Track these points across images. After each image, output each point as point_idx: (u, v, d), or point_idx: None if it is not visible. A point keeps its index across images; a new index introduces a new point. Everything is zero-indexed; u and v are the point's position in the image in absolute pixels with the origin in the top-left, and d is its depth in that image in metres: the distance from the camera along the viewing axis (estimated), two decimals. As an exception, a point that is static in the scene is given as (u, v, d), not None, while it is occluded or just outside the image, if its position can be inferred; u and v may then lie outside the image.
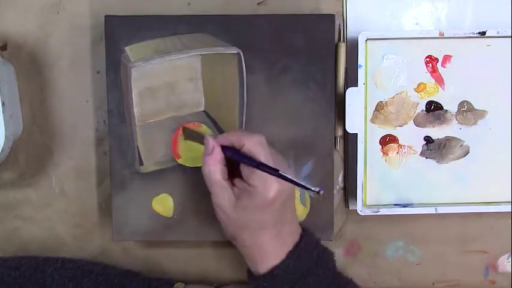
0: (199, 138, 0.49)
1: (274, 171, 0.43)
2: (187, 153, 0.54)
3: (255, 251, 0.47)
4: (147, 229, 0.54)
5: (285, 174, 0.42)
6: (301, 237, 0.48)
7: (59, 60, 0.56)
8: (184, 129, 0.54)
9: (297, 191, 0.54)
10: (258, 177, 0.44)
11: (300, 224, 0.49)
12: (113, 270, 0.54)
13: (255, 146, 0.44)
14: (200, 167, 0.46)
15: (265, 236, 0.46)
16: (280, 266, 0.46)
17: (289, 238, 0.47)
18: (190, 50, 0.53)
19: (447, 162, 0.56)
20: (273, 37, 0.53)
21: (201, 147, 0.47)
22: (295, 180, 0.42)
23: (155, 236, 0.55)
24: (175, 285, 0.55)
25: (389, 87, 0.55)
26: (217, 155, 0.46)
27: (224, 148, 0.46)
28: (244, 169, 0.45)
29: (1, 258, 0.53)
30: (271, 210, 0.45)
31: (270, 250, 0.46)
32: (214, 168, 0.46)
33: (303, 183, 0.42)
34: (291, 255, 0.46)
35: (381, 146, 0.56)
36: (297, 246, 0.47)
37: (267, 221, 0.45)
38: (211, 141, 0.46)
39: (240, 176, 0.46)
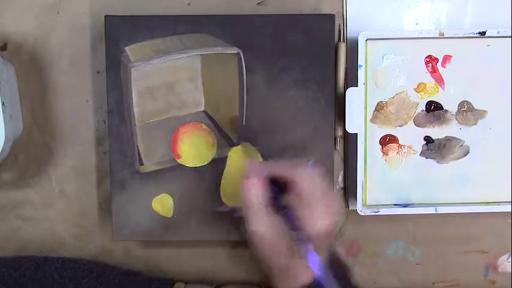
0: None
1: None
2: (187, 153, 0.54)
3: (289, 272, 0.44)
4: (147, 229, 0.54)
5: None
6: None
7: (59, 60, 0.56)
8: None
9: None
10: (305, 201, 0.42)
11: None
12: (113, 270, 0.54)
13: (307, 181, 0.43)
14: (200, 167, 0.46)
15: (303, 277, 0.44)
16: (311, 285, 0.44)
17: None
18: (190, 50, 0.53)
19: (447, 162, 0.56)
20: (273, 37, 0.53)
21: (201, 147, 0.47)
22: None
23: (155, 236, 0.55)
24: (175, 285, 0.55)
25: (389, 87, 0.55)
26: (256, 179, 0.44)
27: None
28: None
29: (1, 258, 0.53)
30: (317, 245, 0.42)
31: (303, 271, 0.44)
32: (256, 193, 0.43)
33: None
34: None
35: (380, 146, 0.56)
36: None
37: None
38: (254, 168, 0.44)
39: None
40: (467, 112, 0.56)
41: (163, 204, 0.54)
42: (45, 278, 0.50)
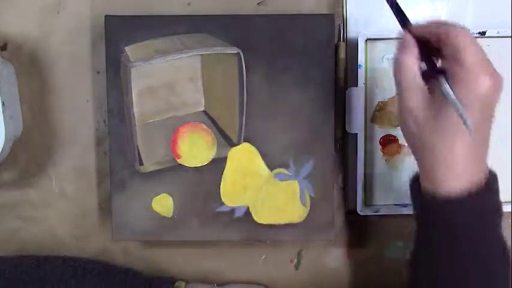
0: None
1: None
2: (187, 153, 0.54)
3: (442, 165, 0.40)
4: (147, 229, 0.54)
5: (448, 88, 0.37)
6: (490, 177, 0.41)
7: (59, 60, 0.56)
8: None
9: (297, 191, 0.54)
10: (466, 69, 0.37)
11: (301, 223, 0.49)
12: (114, 269, 0.54)
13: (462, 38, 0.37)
14: (200, 167, 0.46)
15: (460, 146, 0.39)
16: (462, 197, 0.39)
17: (481, 165, 0.41)
18: (190, 50, 0.53)
19: (447, 162, 0.56)
20: (273, 37, 0.53)
21: (201, 147, 0.47)
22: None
23: (155, 236, 0.55)
24: (175, 284, 0.55)
25: (389, 87, 0.55)
26: (414, 48, 0.39)
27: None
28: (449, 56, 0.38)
29: (2, 257, 0.53)
30: (472, 112, 0.37)
31: (459, 170, 0.39)
32: (411, 64, 0.39)
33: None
34: (479, 188, 0.40)
35: (381, 146, 0.56)
36: (487, 182, 0.40)
37: (465, 128, 0.37)
38: (407, 34, 0.40)
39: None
40: (467, 112, 0.56)
41: (163, 204, 0.54)
42: (46, 276, 0.51)
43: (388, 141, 0.56)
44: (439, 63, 0.41)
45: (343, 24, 0.56)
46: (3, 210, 0.58)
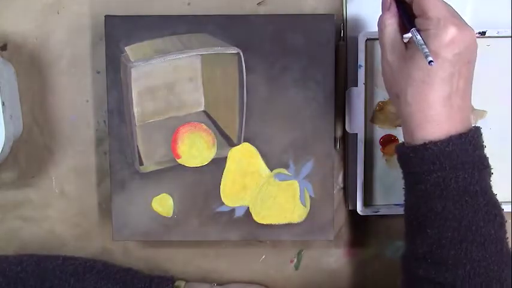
0: None
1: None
2: (187, 153, 0.54)
3: (417, 113, 0.43)
4: (147, 229, 0.54)
5: (416, 33, 0.42)
6: (470, 130, 0.43)
7: (59, 60, 0.56)
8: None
9: (297, 191, 0.54)
10: (432, 21, 0.41)
11: (301, 223, 0.49)
12: (113, 268, 0.54)
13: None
14: (200, 167, 0.46)
15: (432, 94, 0.42)
16: (438, 143, 0.42)
17: (458, 116, 0.43)
18: (190, 50, 0.53)
19: (447, 162, 0.56)
20: (273, 37, 0.53)
21: (201, 147, 0.47)
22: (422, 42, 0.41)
23: (155, 236, 0.55)
24: (175, 283, 0.55)
25: (389, 87, 0.55)
26: (394, 9, 0.45)
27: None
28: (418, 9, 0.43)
29: (2, 256, 0.53)
30: (441, 61, 0.41)
31: (433, 117, 0.42)
32: (390, 22, 0.45)
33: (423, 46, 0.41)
34: (456, 137, 0.42)
35: (381, 146, 0.56)
36: (465, 133, 0.42)
37: (435, 74, 0.41)
38: None
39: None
40: (467, 112, 0.56)
41: (163, 204, 0.54)
42: (46, 274, 0.51)
43: (388, 141, 0.56)
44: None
45: (343, 24, 0.56)
46: (3, 210, 0.58)
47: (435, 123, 0.42)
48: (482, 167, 0.44)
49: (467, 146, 0.42)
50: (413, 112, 0.43)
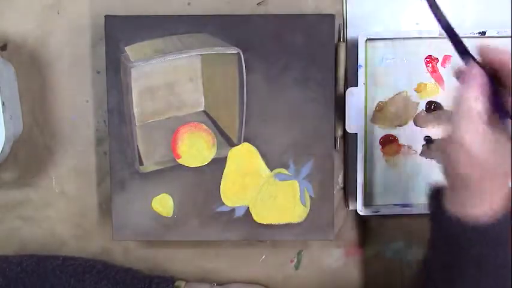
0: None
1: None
2: (187, 153, 0.54)
3: (477, 197, 0.38)
4: (147, 229, 0.54)
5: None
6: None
7: (59, 60, 0.56)
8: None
9: (297, 191, 0.54)
10: None
11: (301, 223, 0.49)
12: (113, 268, 0.54)
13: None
14: (200, 167, 0.46)
15: (505, 187, 0.38)
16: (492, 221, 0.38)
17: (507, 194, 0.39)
18: (190, 50, 0.53)
19: (447, 162, 0.56)
20: (273, 37, 0.53)
21: (201, 147, 0.47)
22: None
23: (155, 236, 0.55)
24: (175, 283, 0.55)
25: (389, 87, 0.55)
26: (482, 86, 0.36)
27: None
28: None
29: (2, 256, 0.53)
30: None
31: (491, 204, 0.38)
32: (478, 106, 0.36)
33: None
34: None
35: (381, 146, 0.56)
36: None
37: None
38: (474, 67, 0.37)
39: None
40: (467, 112, 0.56)
41: (163, 204, 0.54)
42: (46, 274, 0.51)
43: (388, 141, 0.56)
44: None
45: (343, 24, 0.56)
46: (3, 210, 0.58)
47: (488, 207, 0.39)
48: None
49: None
50: (473, 194, 0.39)
